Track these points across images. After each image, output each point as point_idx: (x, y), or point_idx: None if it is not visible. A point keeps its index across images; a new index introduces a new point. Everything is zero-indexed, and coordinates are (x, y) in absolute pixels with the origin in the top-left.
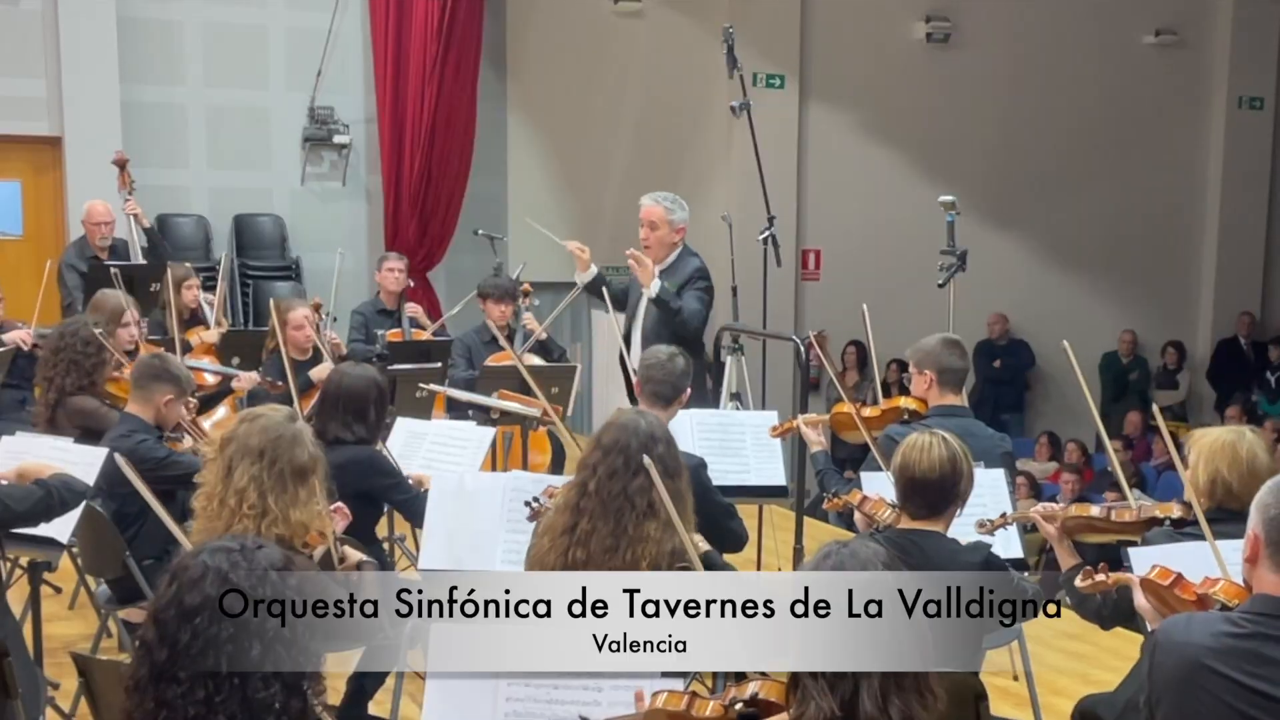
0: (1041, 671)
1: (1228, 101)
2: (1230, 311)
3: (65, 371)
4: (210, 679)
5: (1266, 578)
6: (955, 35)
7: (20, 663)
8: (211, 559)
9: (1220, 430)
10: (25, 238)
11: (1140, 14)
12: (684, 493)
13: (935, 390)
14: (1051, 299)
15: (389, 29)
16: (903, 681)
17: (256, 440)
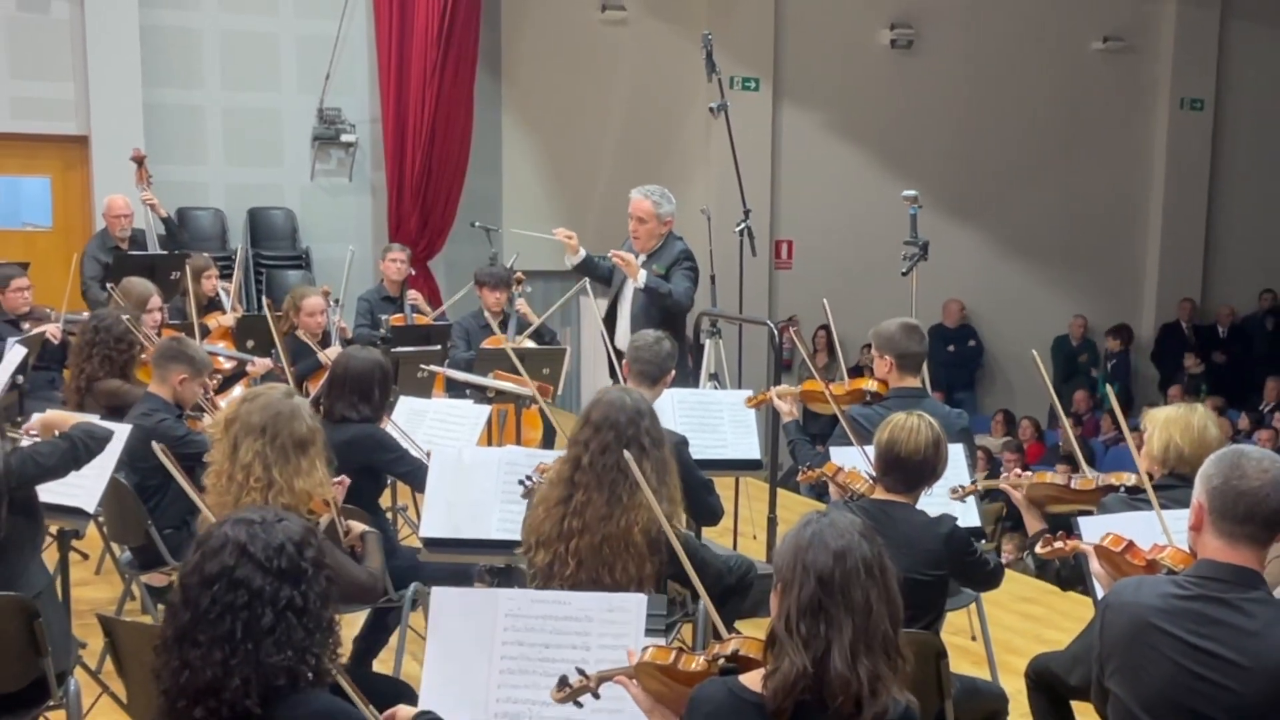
0: (998, 632)
1: (1170, 103)
2: (1172, 298)
3: (99, 364)
4: (226, 643)
5: (1210, 543)
6: (918, 42)
7: (56, 621)
8: (232, 530)
9: (1174, 406)
10: (55, 229)
11: (1089, 22)
12: (667, 459)
13: (895, 373)
14: (1007, 286)
15: (392, 35)
16: (872, 643)
17: (258, 417)
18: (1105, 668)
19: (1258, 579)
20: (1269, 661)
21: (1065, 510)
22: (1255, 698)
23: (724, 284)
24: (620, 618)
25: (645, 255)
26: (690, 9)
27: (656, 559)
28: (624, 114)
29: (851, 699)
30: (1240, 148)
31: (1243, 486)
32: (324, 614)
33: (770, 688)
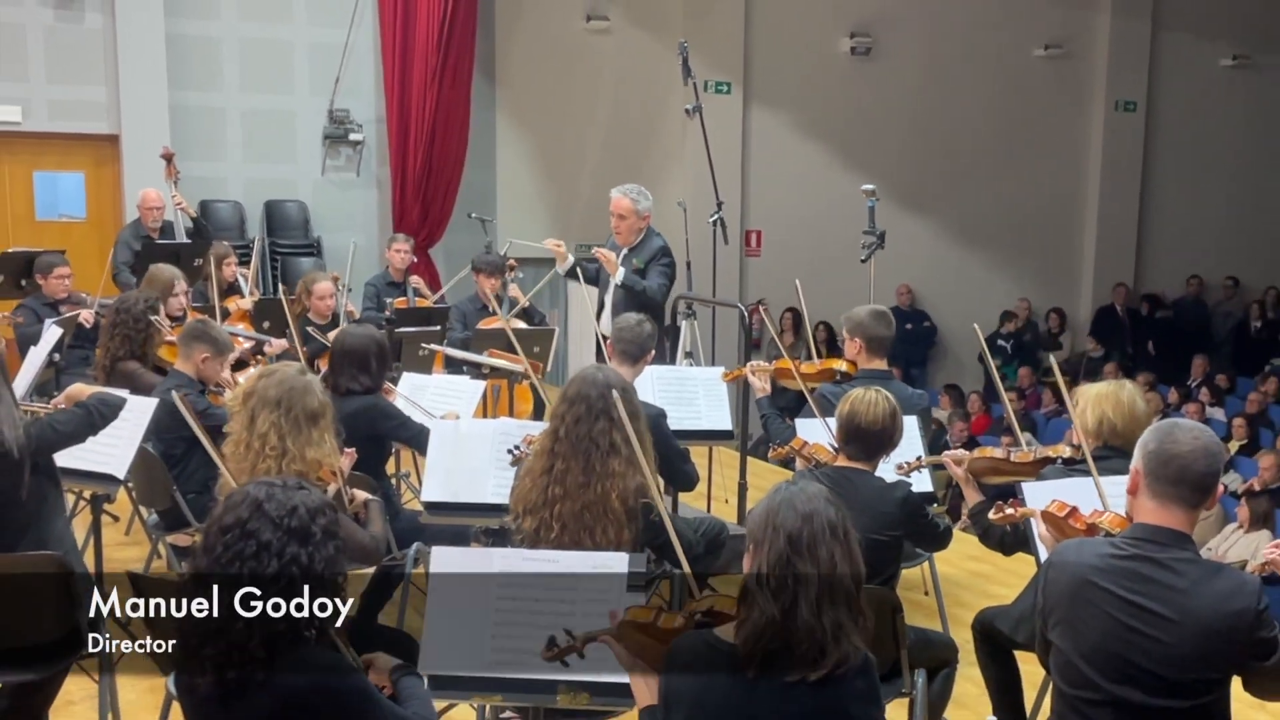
0: (948, 588)
1: (1106, 105)
2: (1107, 283)
3: (120, 343)
4: (233, 588)
5: (1146, 505)
6: (875, 49)
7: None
8: (254, 489)
9: (1104, 382)
10: (88, 221)
11: (1031, 30)
12: (643, 432)
13: (864, 355)
14: (957, 272)
15: (396, 43)
16: (835, 597)
17: (274, 391)
18: (1048, 621)
19: (1187, 540)
20: (1196, 616)
21: (1005, 481)
22: (1183, 649)
23: (698, 270)
24: (605, 576)
25: (627, 249)
26: (667, 19)
27: (634, 526)
28: (607, 115)
29: (816, 646)
30: (1169, 146)
31: (1175, 451)
32: (331, 578)
33: (742, 636)
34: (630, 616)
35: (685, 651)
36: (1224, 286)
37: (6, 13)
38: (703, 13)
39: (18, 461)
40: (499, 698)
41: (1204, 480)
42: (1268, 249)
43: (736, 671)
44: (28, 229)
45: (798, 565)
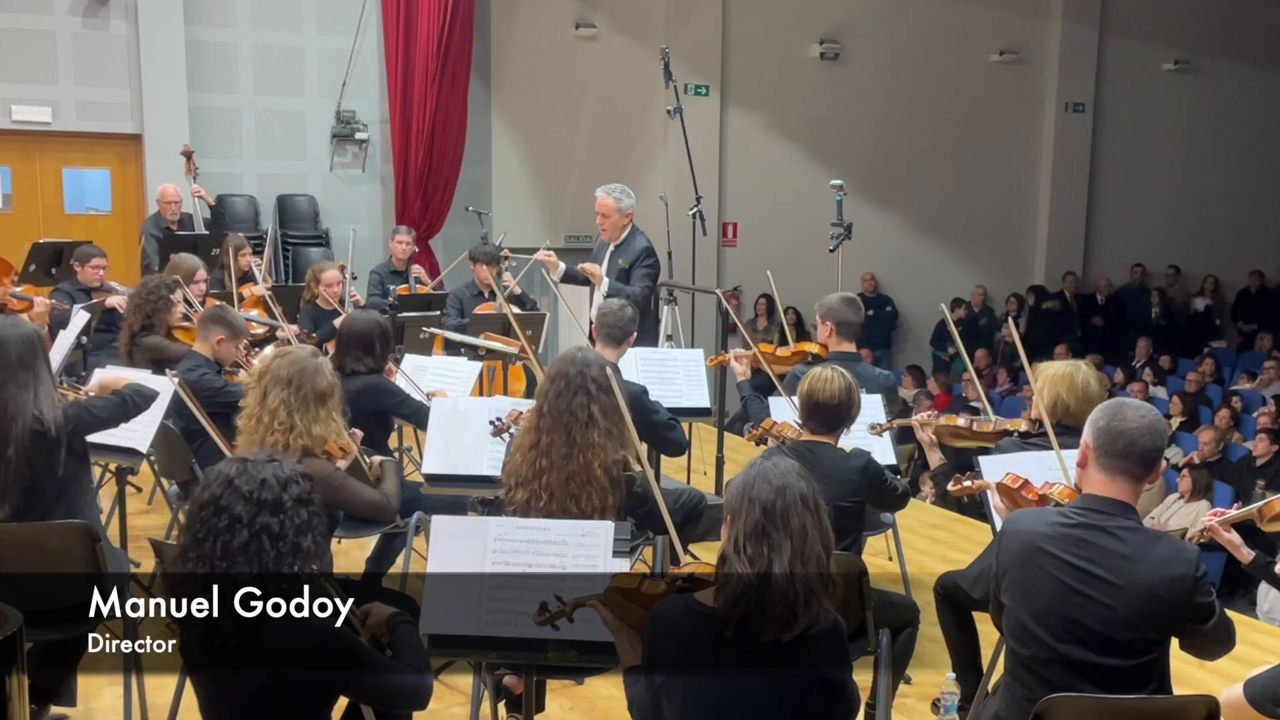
0: (910, 553)
1: (1056, 106)
2: (1058, 271)
3: (138, 317)
4: (207, 559)
5: (1094, 477)
6: (843, 54)
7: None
8: (225, 467)
9: (1060, 363)
10: (113, 214)
11: (987, 38)
12: (618, 407)
13: (834, 338)
14: (919, 261)
15: (398, 49)
16: (807, 563)
17: (286, 371)
18: (1001, 584)
19: (1131, 510)
20: (1138, 580)
21: (967, 446)
22: (1126, 611)
23: (679, 259)
24: (591, 541)
25: (613, 245)
26: (650, 27)
27: (618, 493)
28: (594, 115)
29: (789, 609)
30: (1115, 145)
31: (1122, 427)
32: (300, 540)
33: (721, 600)
34: (616, 583)
35: (667, 615)
36: (1166, 274)
37: (38, 21)
38: (683, 21)
39: (55, 440)
40: (494, 655)
41: (1149, 455)
42: (1206, 239)
43: (715, 633)
44: (57, 221)
45: (772, 534)
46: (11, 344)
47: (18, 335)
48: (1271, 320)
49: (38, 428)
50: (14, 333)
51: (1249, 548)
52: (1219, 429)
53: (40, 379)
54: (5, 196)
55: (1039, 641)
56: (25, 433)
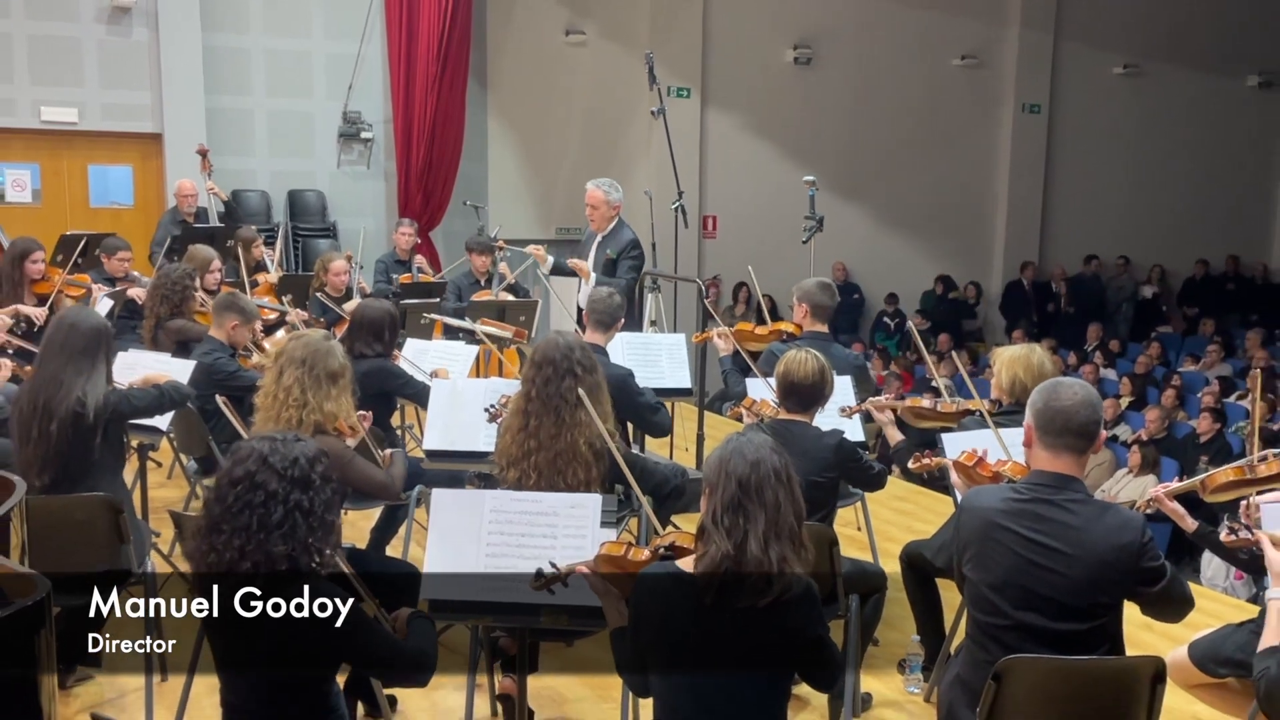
0: (877, 524)
1: (1014, 107)
2: (1015, 261)
3: (161, 303)
4: (244, 532)
5: (1040, 455)
6: (815, 59)
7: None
8: (258, 444)
9: (1016, 346)
10: (135, 208)
11: (950, 43)
12: (600, 383)
13: (809, 319)
14: (885, 251)
15: (401, 54)
16: (780, 533)
17: (300, 352)
18: (962, 557)
19: (1078, 483)
20: (1089, 549)
21: (931, 426)
22: (1078, 579)
23: (662, 249)
24: (580, 513)
25: (601, 236)
26: (635, 33)
27: (601, 465)
28: (584, 116)
29: (764, 576)
30: (1069, 143)
31: (1058, 405)
32: (327, 517)
33: (700, 568)
34: (604, 551)
35: (651, 581)
36: (1117, 264)
37: (65, 28)
38: (666, 28)
39: (92, 426)
40: (490, 619)
41: (1087, 428)
42: (1154, 231)
43: (695, 599)
44: (83, 214)
45: (747, 506)
46: (82, 331)
47: (89, 326)
48: (1214, 306)
49: (79, 409)
50: (85, 322)
51: (1193, 518)
52: (1165, 408)
53: (96, 370)
54: (35, 191)
55: (998, 609)
56: (68, 413)
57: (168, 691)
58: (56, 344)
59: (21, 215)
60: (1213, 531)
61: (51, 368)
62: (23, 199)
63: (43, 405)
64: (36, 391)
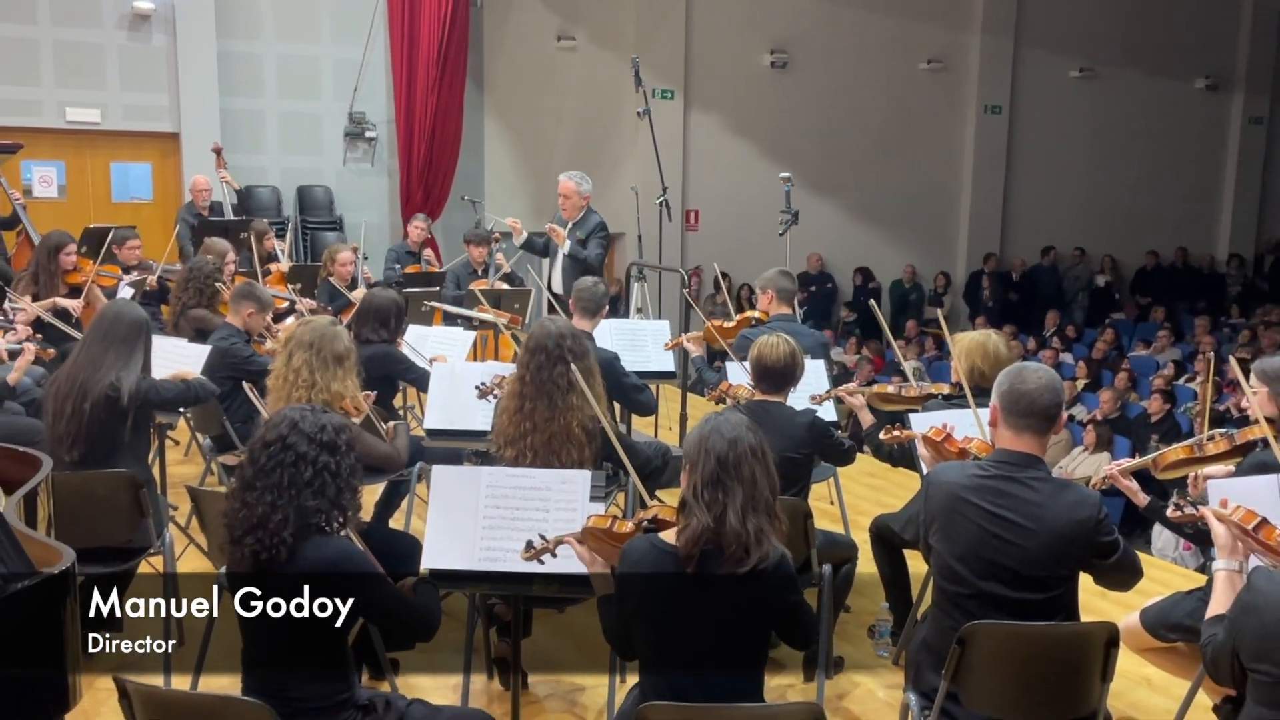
0: (849, 498)
1: (976, 108)
2: (979, 252)
3: (192, 295)
4: (276, 488)
5: (1004, 434)
6: (791, 63)
7: (154, 500)
8: (290, 412)
9: (973, 333)
10: (154, 202)
11: (916, 48)
12: (592, 369)
13: (775, 304)
14: (857, 243)
15: (403, 58)
16: (757, 506)
17: (308, 336)
18: (928, 529)
19: (1039, 462)
20: (1048, 524)
21: (897, 409)
22: (1038, 551)
23: (647, 242)
24: (570, 488)
25: (572, 223)
26: (622, 39)
27: (593, 445)
28: (574, 116)
29: (742, 547)
30: (1028, 142)
31: (1023, 389)
32: (351, 480)
33: (682, 540)
34: (591, 524)
35: (635, 552)
36: (1073, 255)
37: (89, 34)
38: (651, 34)
39: (123, 410)
40: (486, 587)
41: (1049, 410)
42: (1107, 224)
43: (677, 569)
44: (105, 208)
45: (726, 481)
46: (126, 322)
47: (131, 317)
48: (1164, 295)
49: (112, 394)
50: (129, 315)
51: (1145, 493)
52: (1118, 390)
53: (133, 358)
54: (60, 187)
55: (962, 579)
56: (101, 395)
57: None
58: (101, 331)
59: (48, 210)
60: (1163, 506)
61: (93, 351)
62: (49, 194)
63: (79, 385)
64: (76, 371)
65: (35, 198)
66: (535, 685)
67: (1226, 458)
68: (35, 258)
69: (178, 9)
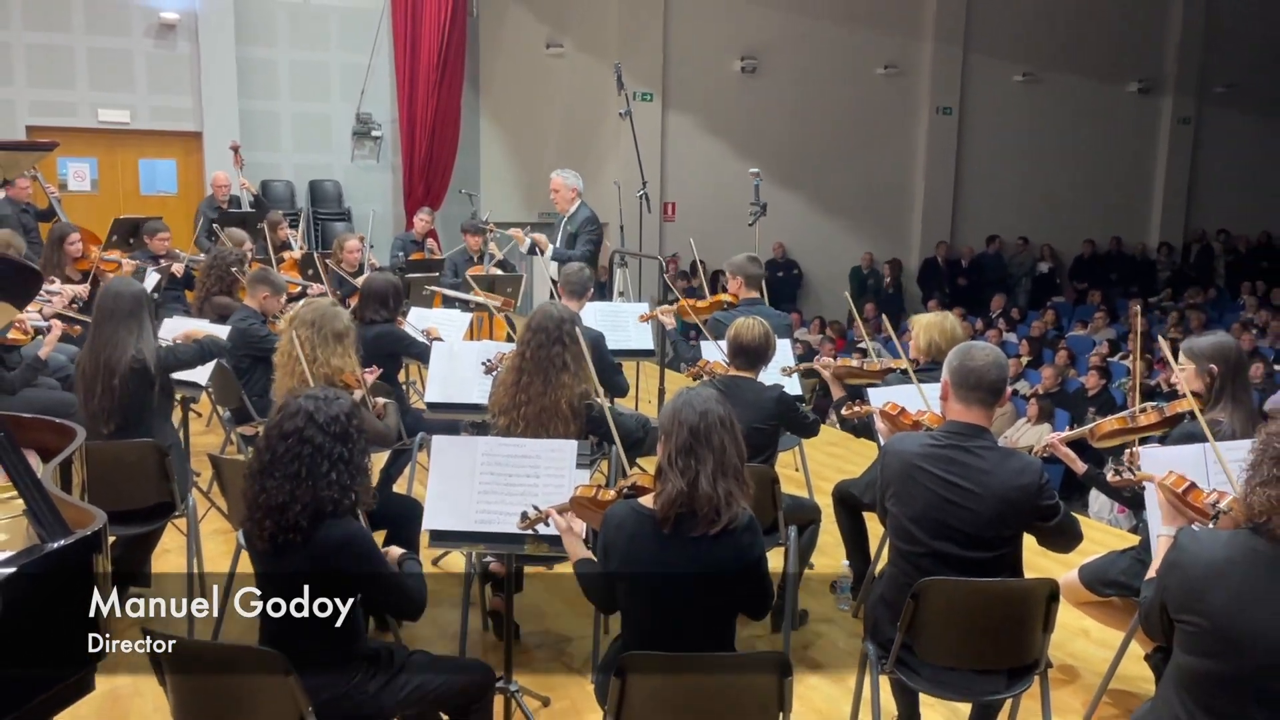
0: (813, 465)
1: (929, 110)
2: (931, 241)
3: (215, 281)
4: (294, 479)
5: (954, 407)
6: (760, 68)
7: (180, 462)
8: (304, 402)
9: (932, 313)
10: (178, 196)
11: (874, 55)
12: (582, 351)
13: (743, 289)
14: (820, 232)
15: (405, 63)
16: (726, 471)
17: (309, 315)
18: (885, 494)
19: (986, 432)
20: (994, 489)
21: (860, 383)
22: (985, 514)
23: (629, 231)
24: (558, 456)
25: (565, 216)
26: (606, 47)
27: (579, 421)
28: (562, 116)
29: (713, 509)
30: (976, 140)
31: (972, 365)
32: (363, 463)
33: (659, 504)
34: (578, 494)
35: (616, 516)
36: (1017, 244)
37: (119, 42)
38: (632, 42)
39: (151, 377)
40: (482, 547)
41: (996, 385)
42: (1048, 215)
43: (655, 530)
44: (134, 201)
45: (698, 450)
46: (126, 298)
47: (130, 292)
48: (1100, 280)
49: (137, 365)
50: (128, 290)
51: (1083, 461)
52: (1058, 366)
53: (143, 329)
54: (93, 181)
55: (916, 539)
56: (127, 368)
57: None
58: (107, 310)
59: (81, 202)
60: (1100, 473)
61: (106, 331)
62: (83, 188)
63: (104, 364)
64: (96, 353)
65: (70, 191)
66: (527, 636)
67: (1157, 428)
68: (45, 249)
69: (200, 19)
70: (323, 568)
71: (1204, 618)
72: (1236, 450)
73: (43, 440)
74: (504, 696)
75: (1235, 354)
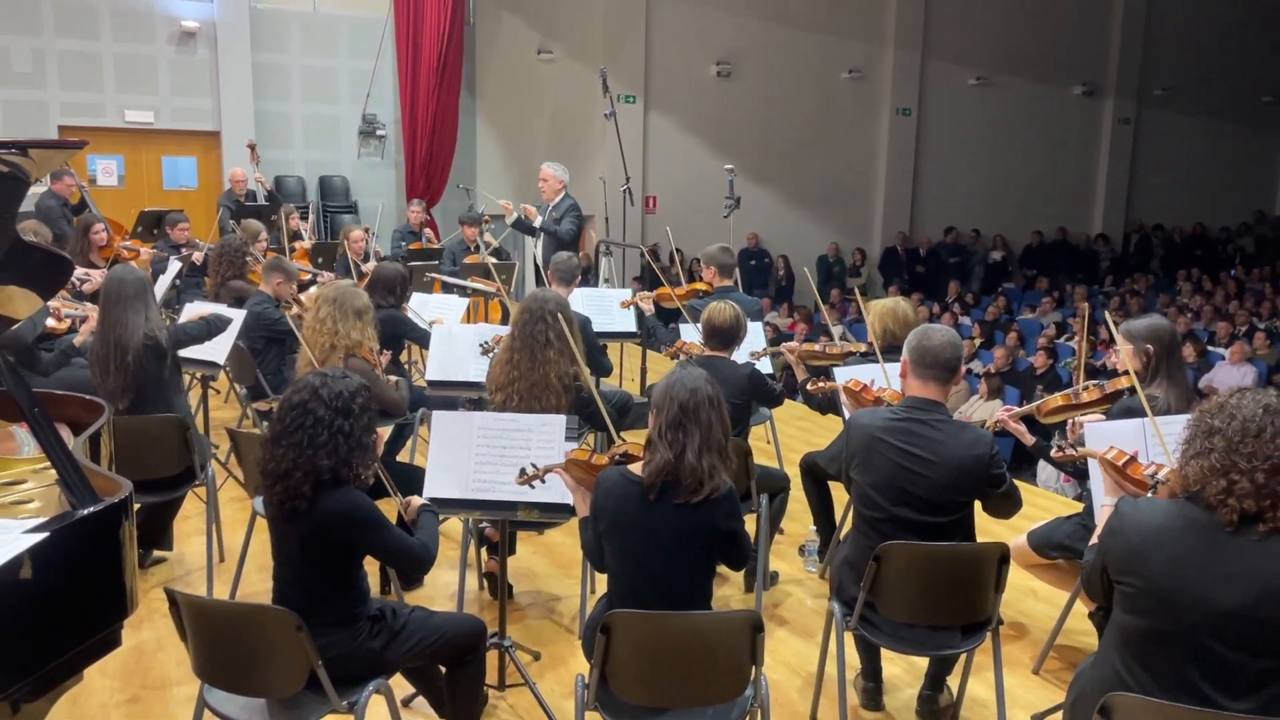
0: (783, 438)
1: (890, 111)
2: (891, 232)
3: (226, 268)
4: (296, 447)
5: (913, 384)
6: (734, 73)
7: (197, 434)
8: (312, 379)
9: (885, 300)
10: (198, 190)
11: (839, 60)
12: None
13: (718, 277)
14: (790, 224)
15: (408, 68)
16: (711, 446)
17: (332, 294)
18: (850, 464)
19: (942, 407)
20: (949, 458)
21: (822, 364)
22: (941, 480)
23: (613, 222)
24: (549, 430)
25: (551, 205)
26: (592, 53)
27: (568, 396)
28: (552, 117)
29: (696, 480)
30: (933, 139)
31: (929, 345)
32: (365, 439)
33: (647, 472)
34: (573, 457)
35: (607, 480)
36: (970, 235)
37: (143, 48)
38: (616, 48)
39: (165, 350)
40: (478, 513)
41: (951, 363)
42: (1000, 208)
43: (642, 496)
44: (157, 195)
45: (686, 425)
46: (130, 282)
47: (134, 277)
48: (1048, 267)
49: (150, 342)
50: (131, 275)
51: (1031, 434)
52: (1009, 348)
53: (150, 309)
54: (120, 177)
55: (878, 505)
56: (140, 346)
57: (225, 571)
58: (113, 296)
59: (109, 195)
60: (1047, 446)
61: (114, 314)
62: (110, 183)
63: (114, 344)
64: (106, 334)
65: (99, 186)
66: (519, 595)
67: (1099, 404)
68: (72, 238)
69: (219, 27)
70: (329, 535)
71: (1142, 579)
72: (1173, 425)
73: (74, 414)
74: (499, 651)
75: (1169, 335)
